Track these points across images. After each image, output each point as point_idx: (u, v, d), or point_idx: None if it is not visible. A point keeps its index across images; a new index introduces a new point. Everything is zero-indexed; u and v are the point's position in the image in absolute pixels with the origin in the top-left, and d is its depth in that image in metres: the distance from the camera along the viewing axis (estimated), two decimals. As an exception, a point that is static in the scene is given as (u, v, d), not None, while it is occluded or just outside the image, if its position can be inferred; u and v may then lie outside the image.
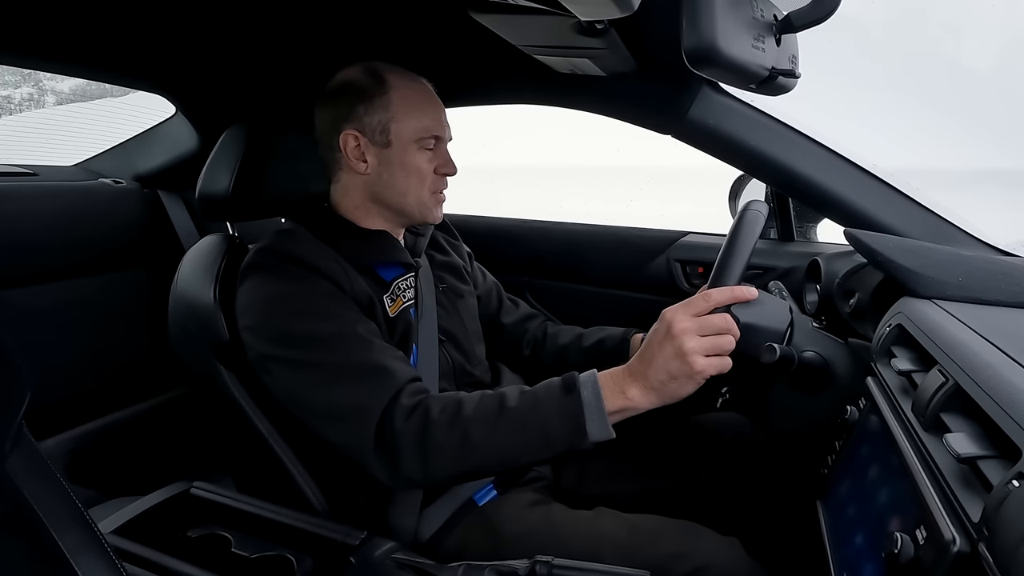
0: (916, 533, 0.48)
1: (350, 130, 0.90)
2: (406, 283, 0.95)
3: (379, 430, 0.75)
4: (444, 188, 0.95)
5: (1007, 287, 0.77)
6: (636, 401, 0.73)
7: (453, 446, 0.74)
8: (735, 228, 0.78)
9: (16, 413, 0.40)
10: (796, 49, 0.84)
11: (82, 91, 2.42)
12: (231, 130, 1.00)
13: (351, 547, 0.74)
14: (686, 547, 0.78)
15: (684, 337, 0.70)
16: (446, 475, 0.77)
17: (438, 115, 0.93)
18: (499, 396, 0.77)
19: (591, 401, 0.73)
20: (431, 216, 0.95)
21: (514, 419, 0.74)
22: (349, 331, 0.81)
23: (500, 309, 1.18)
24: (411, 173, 0.91)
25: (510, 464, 0.77)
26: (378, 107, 0.89)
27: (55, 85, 2.77)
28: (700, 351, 0.70)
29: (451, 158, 0.94)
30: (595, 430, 0.72)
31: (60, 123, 1.55)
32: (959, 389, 0.53)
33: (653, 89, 1.05)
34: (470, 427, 0.74)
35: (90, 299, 1.44)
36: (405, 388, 0.78)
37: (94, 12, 0.99)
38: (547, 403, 0.74)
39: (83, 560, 0.40)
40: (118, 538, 0.75)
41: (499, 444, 0.74)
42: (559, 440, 0.73)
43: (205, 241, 0.99)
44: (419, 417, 0.75)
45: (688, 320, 0.71)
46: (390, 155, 0.90)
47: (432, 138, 0.91)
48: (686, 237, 1.46)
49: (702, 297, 0.72)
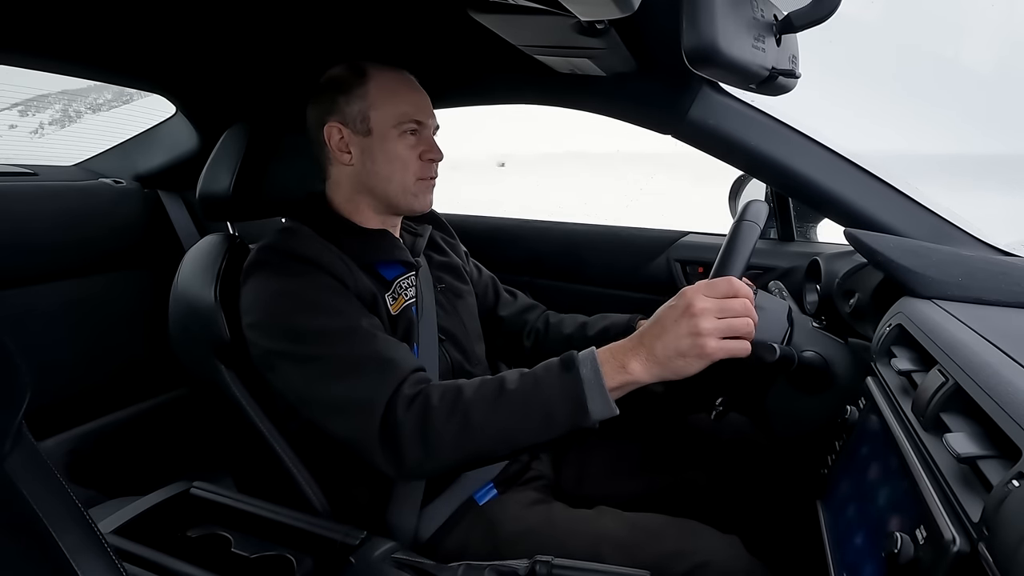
0: (916, 533, 0.48)
1: (333, 122, 0.91)
2: (407, 282, 0.95)
3: (383, 422, 0.75)
4: (431, 175, 0.95)
5: (1007, 287, 0.76)
6: (637, 374, 0.72)
7: (454, 431, 0.73)
8: (732, 235, 0.78)
9: (16, 413, 0.40)
10: (796, 49, 0.84)
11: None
12: (232, 130, 1.00)
13: (351, 547, 0.74)
14: (686, 545, 0.78)
15: (702, 317, 0.69)
16: (449, 461, 0.76)
17: (416, 101, 0.93)
18: (499, 380, 0.76)
19: (590, 378, 0.72)
20: (417, 204, 0.94)
21: (514, 400, 0.73)
22: (353, 325, 0.81)
23: (498, 302, 1.18)
24: (393, 160, 0.91)
25: (512, 446, 0.76)
26: (357, 97, 0.90)
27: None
28: (716, 333, 0.69)
29: (436, 143, 0.94)
30: (596, 407, 0.72)
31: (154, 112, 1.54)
32: (959, 389, 0.53)
33: (653, 89, 1.05)
34: (470, 411, 0.73)
35: (90, 299, 1.44)
36: (408, 379, 0.77)
37: (95, 12, 0.99)
38: (546, 383, 0.73)
39: (83, 560, 0.40)
40: (118, 538, 0.75)
41: (500, 426, 0.73)
42: (561, 419, 0.72)
43: (206, 241, 0.99)
44: (420, 405, 0.74)
45: (708, 301, 0.70)
46: (372, 143, 0.91)
47: (412, 122, 0.91)
48: (686, 237, 1.46)
49: (725, 281, 0.72)
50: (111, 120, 1.63)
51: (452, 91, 1.26)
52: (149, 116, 1.55)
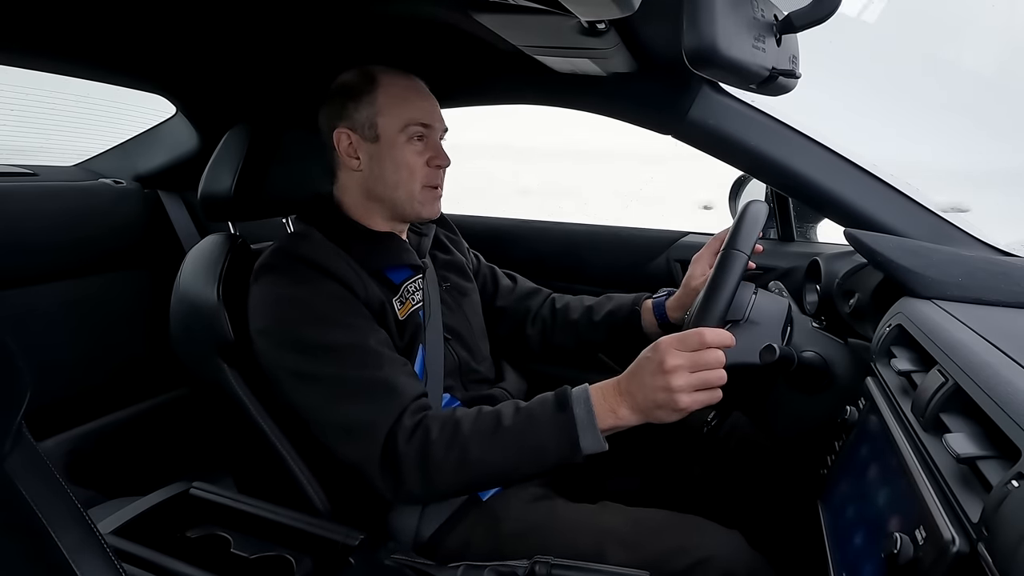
0: (915, 533, 0.48)
1: (342, 128, 0.92)
2: (415, 285, 0.96)
3: (384, 450, 0.78)
4: (438, 182, 0.95)
5: (1007, 287, 0.76)
6: (626, 420, 0.76)
7: (452, 465, 0.77)
8: (718, 267, 0.79)
9: (16, 413, 0.40)
10: (796, 49, 0.84)
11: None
12: (234, 130, 1.00)
13: (350, 547, 0.74)
14: (689, 540, 0.79)
15: (674, 375, 0.72)
16: (446, 491, 0.81)
17: (424, 106, 0.94)
18: (495, 414, 0.79)
19: (583, 418, 0.76)
20: (424, 212, 0.95)
21: (510, 437, 0.77)
22: (361, 342, 0.82)
23: (496, 292, 1.19)
24: (400, 166, 0.92)
25: (506, 479, 0.81)
26: (366, 103, 0.91)
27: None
28: (688, 388, 0.72)
29: (443, 149, 0.95)
30: (588, 444, 0.76)
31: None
32: (959, 389, 0.53)
33: (653, 89, 1.05)
34: (468, 446, 0.77)
35: (90, 299, 1.44)
36: (409, 407, 0.80)
37: (95, 13, 0.99)
38: (542, 420, 0.77)
39: (82, 560, 0.40)
40: (117, 538, 0.75)
41: (496, 461, 0.77)
42: (553, 455, 0.77)
43: (207, 241, 1.00)
44: (420, 438, 0.78)
45: (681, 357, 0.73)
46: (380, 149, 0.91)
47: (419, 127, 0.92)
48: (686, 237, 1.46)
49: (696, 334, 0.73)
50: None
51: (453, 91, 1.26)
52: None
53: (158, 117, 1.54)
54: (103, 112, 1.63)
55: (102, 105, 1.62)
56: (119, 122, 1.61)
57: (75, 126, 1.69)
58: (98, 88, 1.35)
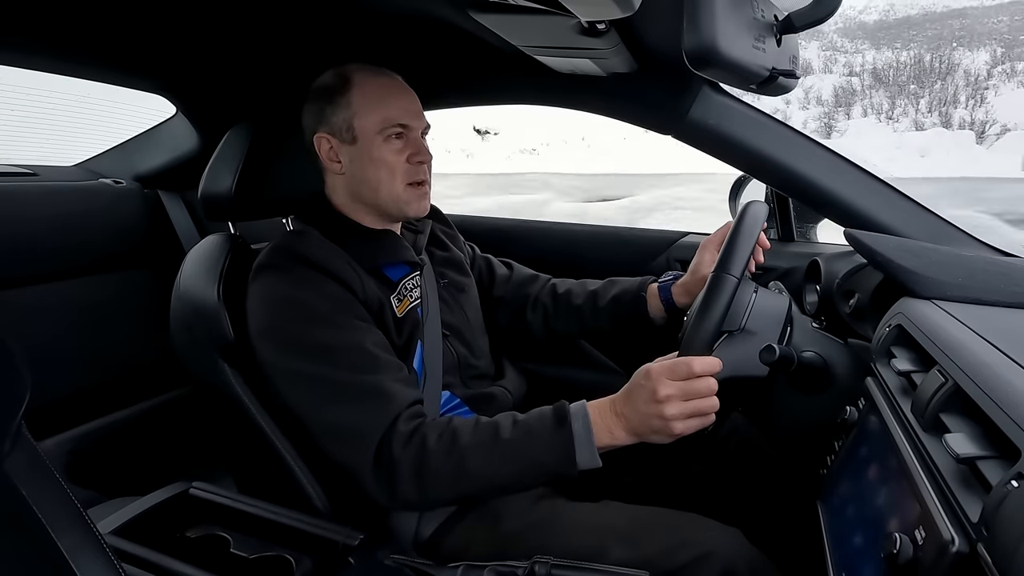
0: (915, 533, 0.48)
1: (322, 133, 0.92)
2: (412, 282, 0.96)
3: (377, 455, 0.78)
4: (423, 178, 0.94)
5: (1007, 287, 0.76)
6: (621, 440, 0.78)
7: (449, 475, 0.77)
8: (709, 288, 0.79)
9: (16, 413, 0.40)
10: (796, 50, 0.84)
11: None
12: (234, 130, 1.00)
13: (350, 547, 0.74)
14: (690, 536, 0.79)
15: (667, 404, 0.73)
16: (441, 501, 0.82)
17: (401, 104, 0.92)
18: (493, 425, 0.80)
19: (581, 434, 0.77)
20: (411, 210, 0.94)
21: (508, 450, 0.78)
22: (357, 344, 0.82)
23: (493, 281, 1.18)
24: (380, 166, 0.91)
25: (501, 490, 0.81)
26: (341, 106, 0.90)
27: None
28: (681, 416, 0.74)
29: (424, 145, 0.94)
30: (584, 460, 0.77)
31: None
32: (958, 389, 0.53)
33: (653, 89, 1.05)
34: (466, 457, 0.77)
35: (90, 299, 1.44)
36: (403, 414, 0.80)
37: (95, 13, 0.99)
38: (540, 435, 0.78)
39: (82, 560, 0.40)
40: (117, 538, 0.75)
41: (493, 473, 0.78)
42: (550, 469, 0.78)
43: (208, 240, 1.00)
44: (416, 445, 0.78)
45: (672, 386, 0.74)
46: (359, 151, 0.91)
47: (396, 126, 0.91)
48: (686, 237, 1.46)
49: (685, 364, 0.74)
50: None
51: (453, 91, 1.26)
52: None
53: (158, 117, 1.54)
54: (103, 112, 1.63)
55: (102, 105, 1.62)
56: (119, 122, 1.61)
57: (75, 126, 1.69)
58: (98, 88, 1.34)
